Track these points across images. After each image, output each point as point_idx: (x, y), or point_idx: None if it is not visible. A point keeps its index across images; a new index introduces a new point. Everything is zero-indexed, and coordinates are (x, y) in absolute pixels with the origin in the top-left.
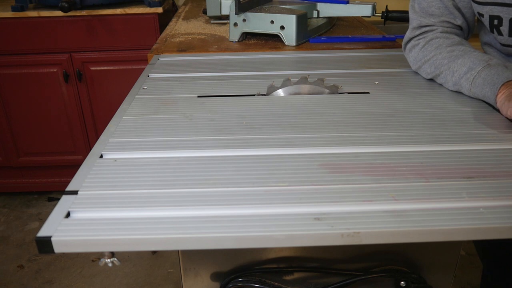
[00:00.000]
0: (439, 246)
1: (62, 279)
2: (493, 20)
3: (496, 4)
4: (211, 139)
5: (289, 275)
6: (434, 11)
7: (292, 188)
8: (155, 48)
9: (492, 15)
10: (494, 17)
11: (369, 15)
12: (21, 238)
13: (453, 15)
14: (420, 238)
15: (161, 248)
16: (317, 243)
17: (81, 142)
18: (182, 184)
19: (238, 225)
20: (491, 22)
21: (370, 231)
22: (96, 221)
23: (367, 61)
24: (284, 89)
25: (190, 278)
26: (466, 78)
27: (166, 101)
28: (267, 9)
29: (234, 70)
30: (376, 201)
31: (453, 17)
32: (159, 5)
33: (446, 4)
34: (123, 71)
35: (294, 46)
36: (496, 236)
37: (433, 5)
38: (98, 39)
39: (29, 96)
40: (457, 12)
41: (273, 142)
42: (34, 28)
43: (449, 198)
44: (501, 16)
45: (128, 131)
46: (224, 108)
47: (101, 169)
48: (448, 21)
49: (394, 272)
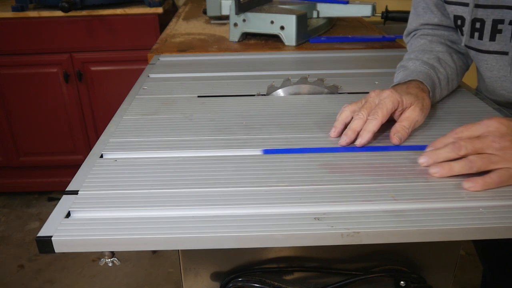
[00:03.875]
0: (439, 246)
1: (63, 279)
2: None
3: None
4: (211, 139)
5: (289, 275)
6: (419, 11)
7: (292, 188)
8: (155, 48)
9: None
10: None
11: (369, 15)
12: (21, 238)
13: (433, 14)
14: (420, 238)
15: (161, 248)
16: (317, 243)
17: (81, 142)
18: (182, 184)
19: (238, 225)
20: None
21: (370, 231)
22: (96, 221)
23: (367, 61)
24: (284, 89)
25: (190, 278)
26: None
27: (166, 101)
28: (267, 9)
29: (234, 70)
30: (376, 201)
31: (433, 16)
32: (159, 5)
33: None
34: (123, 71)
35: (294, 46)
36: (496, 236)
37: (418, 5)
38: (98, 39)
39: (29, 96)
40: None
41: (273, 142)
42: (34, 28)
43: (449, 198)
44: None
45: (128, 131)
46: (224, 108)
47: (101, 169)
48: (427, 23)
49: (394, 272)
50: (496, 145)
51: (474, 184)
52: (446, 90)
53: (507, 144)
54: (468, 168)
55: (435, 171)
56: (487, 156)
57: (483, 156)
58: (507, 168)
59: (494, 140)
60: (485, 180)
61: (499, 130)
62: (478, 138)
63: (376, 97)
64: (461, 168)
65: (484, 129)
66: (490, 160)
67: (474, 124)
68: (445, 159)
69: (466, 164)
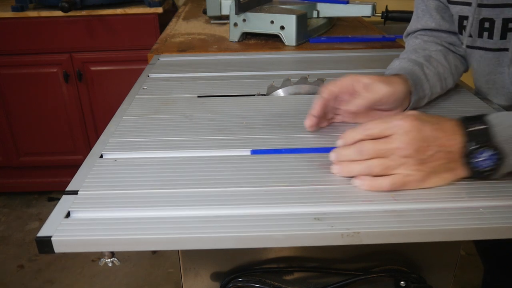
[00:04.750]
0: (439, 246)
1: (62, 279)
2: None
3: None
4: (211, 139)
5: (289, 275)
6: (419, 13)
7: (292, 188)
8: (155, 48)
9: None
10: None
11: (369, 15)
12: (21, 238)
13: (431, 18)
14: (420, 238)
15: (161, 248)
16: (317, 243)
17: (81, 142)
18: (182, 184)
19: (238, 225)
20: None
21: (370, 231)
22: (96, 221)
23: (367, 61)
24: (284, 89)
25: (190, 278)
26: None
27: (166, 101)
28: (267, 9)
29: (234, 70)
30: (376, 201)
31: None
32: (159, 5)
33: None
34: (123, 71)
35: (294, 46)
36: (496, 236)
37: (419, 7)
38: (98, 39)
39: (29, 96)
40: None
41: (273, 142)
42: (34, 28)
43: (449, 198)
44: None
45: (128, 131)
46: (224, 108)
47: (101, 169)
48: (423, 28)
49: (394, 272)
50: (400, 152)
51: (362, 183)
52: (439, 88)
53: (409, 153)
54: (367, 172)
55: (336, 171)
56: (386, 162)
57: (383, 162)
58: (404, 174)
59: (399, 147)
60: (373, 183)
61: (408, 135)
62: (384, 140)
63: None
64: (360, 171)
65: (393, 130)
66: (388, 167)
67: (386, 122)
68: (348, 159)
69: (365, 169)
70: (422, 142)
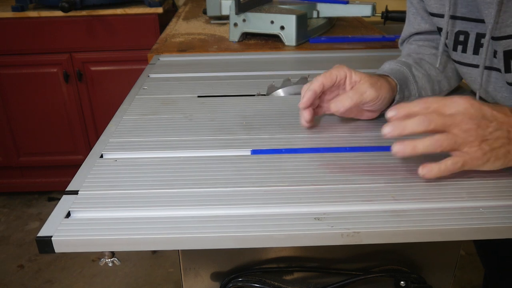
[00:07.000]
0: (439, 246)
1: (63, 279)
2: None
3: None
4: (211, 139)
5: (289, 275)
6: (410, 17)
7: (292, 188)
8: (155, 48)
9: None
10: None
11: (369, 15)
12: (21, 238)
13: (423, 20)
14: (420, 238)
15: (161, 248)
16: (317, 243)
17: (81, 142)
18: (182, 184)
19: (238, 225)
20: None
21: (370, 231)
22: (96, 221)
23: (367, 61)
24: (284, 89)
25: (190, 278)
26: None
27: (166, 101)
28: (267, 9)
29: (234, 70)
30: (376, 201)
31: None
32: (159, 5)
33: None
34: (123, 71)
35: (294, 46)
36: (496, 236)
37: (409, 11)
38: (98, 39)
39: (29, 96)
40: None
41: (273, 142)
42: (34, 28)
43: (449, 198)
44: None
45: (128, 131)
46: (224, 108)
47: (101, 169)
48: (417, 32)
49: (394, 272)
50: (464, 126)
51: (429, 171)
52: (430, 90)
53: (472, 127)
54: (433, 149)
55: (397, 150)
56: (453, 136)
57: (449, 136)
58: (464, 153)
59: (462, 120)
60: (440, 167)
61: (469, 111)
62: (448, 114)
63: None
64: (425, 148)
65: (455, 107)
66: (455, 142)
67: (445, 98)
68: (411, 132)
69: (432, 144)
70: (483, 119)
